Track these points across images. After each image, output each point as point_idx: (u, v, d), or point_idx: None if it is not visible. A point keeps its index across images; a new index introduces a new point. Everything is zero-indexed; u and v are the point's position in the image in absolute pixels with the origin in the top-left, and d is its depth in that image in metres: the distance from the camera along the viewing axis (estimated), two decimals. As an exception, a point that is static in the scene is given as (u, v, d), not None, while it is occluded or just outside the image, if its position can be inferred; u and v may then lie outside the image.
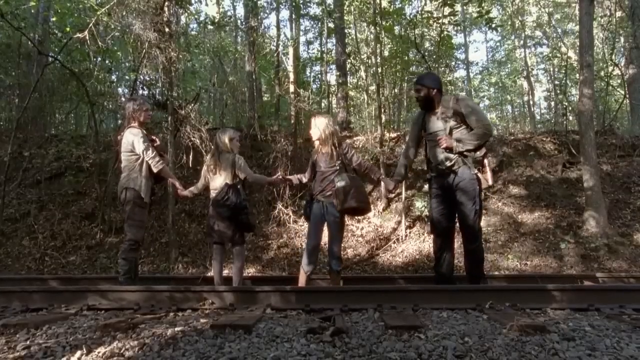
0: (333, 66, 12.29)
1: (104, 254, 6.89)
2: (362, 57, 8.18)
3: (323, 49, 11.08)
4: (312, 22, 14.00)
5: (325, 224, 3.81)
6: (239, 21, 11.07)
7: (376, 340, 2.05)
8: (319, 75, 11.54)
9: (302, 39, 14.26)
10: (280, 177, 4.36)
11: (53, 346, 1.97)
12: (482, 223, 7.84)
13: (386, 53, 9.16)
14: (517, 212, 7.87)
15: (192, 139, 6.75)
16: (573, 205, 7.77)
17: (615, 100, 10.28)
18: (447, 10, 7.38)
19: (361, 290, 2.65)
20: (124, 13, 5.84)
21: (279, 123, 9.34)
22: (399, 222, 7.60)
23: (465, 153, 3.45)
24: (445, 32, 7.34)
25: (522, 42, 20.36)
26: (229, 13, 12.88)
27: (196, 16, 9.33)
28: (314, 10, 13.48)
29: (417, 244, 7.28)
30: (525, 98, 20.01)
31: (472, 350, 1.91)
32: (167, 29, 6.56)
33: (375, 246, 7.29)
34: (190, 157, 6.74)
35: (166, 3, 5.98)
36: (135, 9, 5.68)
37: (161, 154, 3.98)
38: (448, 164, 3.49)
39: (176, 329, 2.20)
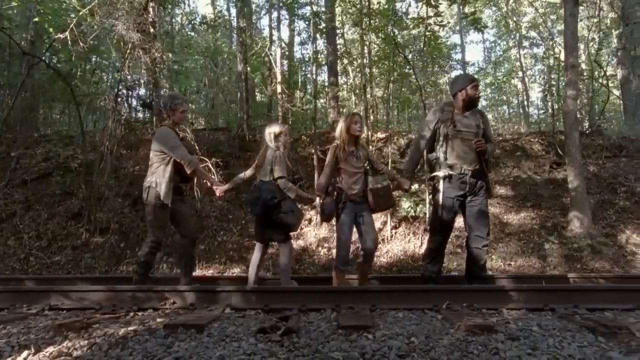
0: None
1: (89, 254, 6.91)
2: (351, 58, 8.20)
3: (310, 50, 11.12)
4: (306, 23, 13.99)
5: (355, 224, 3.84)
6: (233, 22, 11.10)
7: (324, 340, 2.07)
8: (309, 76, 11.57)
9: (297, 39, 14.32)
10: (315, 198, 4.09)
11: (2, 346, 1.99)
12: (468, 223, 7.93)
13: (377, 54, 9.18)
14: (503, 212, 7.89)
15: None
16: (559, 205, 7.79)
17: (602, 101, 10.28)
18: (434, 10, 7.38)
19: (319, 291, 2.67)
20: (109, 13, 5.85)
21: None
22: (385, 223, 7.62)
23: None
24: (430, 33, 7.33)
25: (516, 42, 20.41)
26: (224, 13, 12.86)
27: (189, 17, 9.35)
28: (306, 11, 13.56)
29: (402, 244, 7.30)
30: (520, 99, 20.03)
31: (416, 350, 1.93)
32: (152, 30, 6.59)
33: (360, 246, 7.29)
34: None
35: (150, 4, 5.99)
36: (119, 9, 5.69)
37: (191, 154, 3.82)
38: (476, 166, 3.57)
39: (129, 328, 2.22)
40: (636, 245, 6.86)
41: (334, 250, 7.28)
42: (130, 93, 6.46)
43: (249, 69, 9.57)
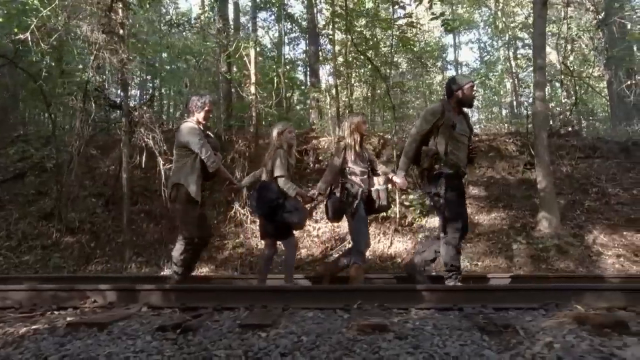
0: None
1: (59, 253, 6.94)
2: (324, 58, 8.25)
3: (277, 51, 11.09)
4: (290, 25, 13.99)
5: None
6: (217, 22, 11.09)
7: (217, 338, 2.10)
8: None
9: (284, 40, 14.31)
10: (315, 195, 4.03)
11: None
12: (438, 222, 7.97)
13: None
14: (475, 212, 7.92)
15: (146, 139, 6.80)
16: (530, 206, 7.82)
17: (578, 102, 10.28)
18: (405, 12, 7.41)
19: (236, 290, 2.71)
20: (75, 14, 5.89)
21: (247, 124, 9.39)
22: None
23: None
24: (400, 33, 7.36)
25: (506, 43, 20.39)
26: (210, 14, 12.84)
27: (165, 18, 9.36)
28: (295, 10, 13.59)
29: (372, 244, 7.33)
30: (509, 99, 20.05)
31: (300, 348, 1.96)
32: (121, 31, 6.63)
33: (330, 246, 7.34)
34: (144, 158, 6.79)
35: (114, 5, 6.03)
36: (83, 10, 5.72)
37: (215, 152, 3.80)
38: (465, 170, 3.73)
39: (32, 327, 2.26)
40: (603, 245, 6.89)
41: (303, 250, 7.35)
42: (99, 94, 6.48)
43: (225, 69, 9.62)
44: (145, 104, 6.99)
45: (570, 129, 9.30)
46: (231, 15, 13.70)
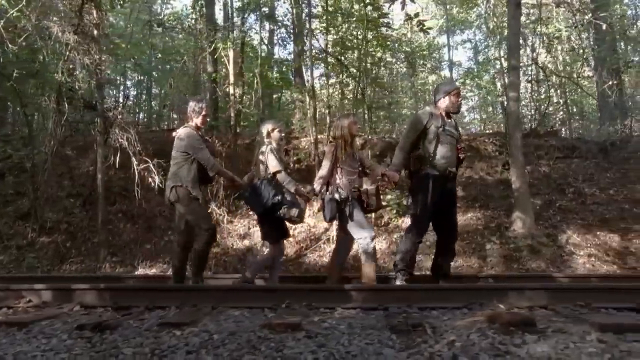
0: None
1: (33, 253, 6.97)
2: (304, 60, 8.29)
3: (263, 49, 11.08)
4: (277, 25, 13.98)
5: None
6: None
7: (132, 337, 2.13)
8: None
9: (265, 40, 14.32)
10: (312, 193, 4.00)
11: None
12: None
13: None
14: (452, 213, 7.94)
15: (120, 140, 6.83)
16: (506, 206, 7.84)
17: (574, 103, 10.35)
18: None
19: (168, 289, 2.74)
20: (45, 14, 5.91)
21: (227, 124, 9.42)
22: (332, 223, 7.66)
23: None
24: (376, 33, 7.38)
25: (498, 43, 20.40)
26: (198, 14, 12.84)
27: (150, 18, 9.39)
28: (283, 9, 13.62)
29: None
30: (501, 99, 20.02)
31: (208, 345, 1.99)
32: (95, 32, 6.65)
33: (304, 246, 7.37)
34: (118, 158, 6.81)
35: (85, 6, 6.05)
36: (52, 11, 5.75)
37: (214, 156, 3.82)
38: (454, 170, 3.80)
39: (-42, 326, 2.28)
40: (575, 245, 6.91)
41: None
42: (73, 94, 6.51)
43: (211, 69, 9.65)
44: (120, 104, 6.97)
45: (549, 129, 9.32)
46: (221, 15, 13.81)
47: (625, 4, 16.30)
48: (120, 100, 7.13)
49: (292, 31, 10.94)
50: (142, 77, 16.92)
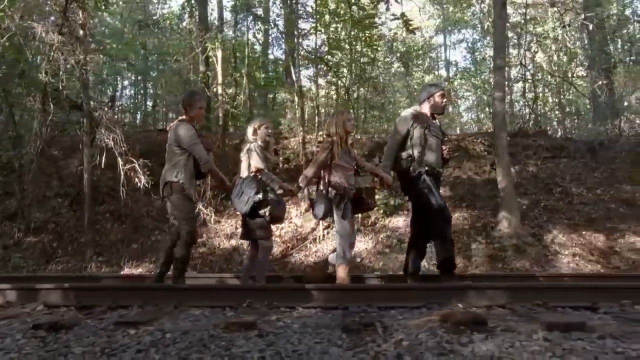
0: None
1: (20, 253, 6.99)
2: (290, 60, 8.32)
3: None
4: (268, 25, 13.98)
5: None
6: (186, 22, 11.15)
7: (86, 336, 2.14)
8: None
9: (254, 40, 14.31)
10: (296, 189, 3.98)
11: None
12: (402, 224, 7.99)
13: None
14: (439, 212, 7.95)
15: (107, 140, 6.84)
16: (493, 206, 7.84)
17: (564, 102, 10.36)
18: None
19: (131, 288, 2.75)
20: (28, 14, 5.92)
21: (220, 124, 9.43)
22: (318, 223, 7.68)
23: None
24: (365, 34, 7.39)
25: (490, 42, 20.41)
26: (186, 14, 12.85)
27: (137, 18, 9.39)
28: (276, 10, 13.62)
29: (332, 244, 7.36)
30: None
31: (158, 345, 2.00)
32: (81, 32, 6.67)
33: (291, 246, 7.38)
34: (104, 158, 6.83)
35: (69, 6, 6.06)
36: (37, 10, 5.76)
37: (208, 152, 3.75)
38: (440, 170, 3.90)
39: None
40: (561, 245, 6.93)
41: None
42: (59, 94, 6.52)
43: (203, 69, 9.65)
44: (106, 104, 6.99)
45: (538, 128, 9.33)
46: (216, 15, 13.83)
47: (623, 4, 16.34)
48: (106, 100, 7.13)
49: (283, 31, 10.94)
50: (139, 77, 16.98)
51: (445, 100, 3.96)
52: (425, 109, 3.93)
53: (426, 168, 3.73)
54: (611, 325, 2.07)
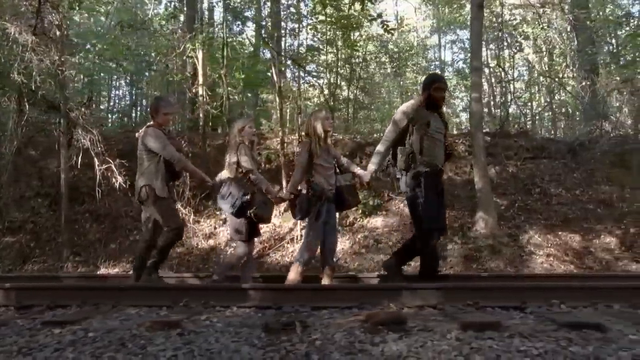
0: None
1: (-4, 253, 7.01)
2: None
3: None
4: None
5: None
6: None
7: (9, 336, 2.16)
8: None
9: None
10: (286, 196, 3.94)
11: None
12: (380, 224, 8.01)
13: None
14: (417, 213, 7.96)
15: (84, 140, 6.86)
16: (471, 206, 7.86)
17: (553, 102, 10.38)
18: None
19: (70, 288, 2.77)
20: (3, 14, 5.94)
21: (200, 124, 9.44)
22: (297, 223, 7.69)
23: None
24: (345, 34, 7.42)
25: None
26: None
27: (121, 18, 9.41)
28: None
29: (309, 244, 7.39)
30: (486, 99, 20.07)
31: (77, 343, 2.02)
32: (58, 32, 6.69)
33: (268, 246, 7.40)
34: (79, 158, 6.85)
35: (43, 6, 6.08)
36: (12, 10, 5.79)
37: (179, 151, 3.84)
38: (442, 167, 3.73)
39: None
40: (536, 245, 6.95)
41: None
42: (34, 95, 6.54)
43: (190, 70, 9.67)
44: (83, 105, 7.01)
45: (521, 128, 9.35)
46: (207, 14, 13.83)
47: (618, 5, 16.36)
48: (84, 101, 7.16)
49: (264, 33, 10.95)
50: (134, 78, 17.01)
51: (442, 93, 3.74)
52: (425, 101, 3.69)
53: (425, 169, 3.56)
54: (527, 324, 2.09)
